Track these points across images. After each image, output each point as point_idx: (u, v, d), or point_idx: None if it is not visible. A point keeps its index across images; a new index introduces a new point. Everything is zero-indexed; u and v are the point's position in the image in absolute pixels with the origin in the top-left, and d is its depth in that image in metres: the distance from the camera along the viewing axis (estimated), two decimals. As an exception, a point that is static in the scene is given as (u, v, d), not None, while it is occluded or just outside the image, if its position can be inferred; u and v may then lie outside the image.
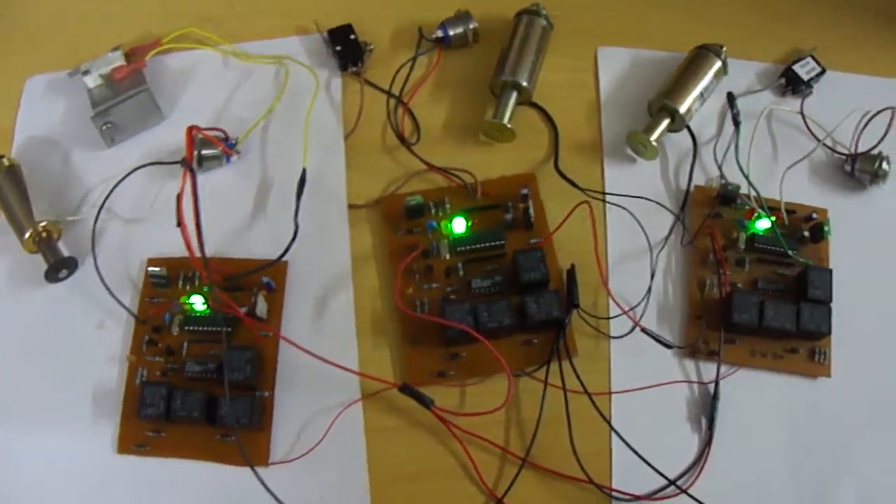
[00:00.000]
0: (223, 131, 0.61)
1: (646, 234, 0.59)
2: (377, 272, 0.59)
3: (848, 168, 0.63)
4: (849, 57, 0.67)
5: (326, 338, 0.57)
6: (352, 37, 0.63)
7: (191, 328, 0.57)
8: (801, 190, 0.63)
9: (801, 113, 0.65)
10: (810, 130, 0.64)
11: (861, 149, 0.63)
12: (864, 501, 0.55)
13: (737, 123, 0.62)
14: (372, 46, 0.63)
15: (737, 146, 0.61)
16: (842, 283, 0.59)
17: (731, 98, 0.62)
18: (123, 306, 0.56)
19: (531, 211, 0.58)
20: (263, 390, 0.55)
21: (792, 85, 0.66)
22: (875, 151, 0.63)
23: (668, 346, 0.56)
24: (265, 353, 0.56)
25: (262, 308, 0.57)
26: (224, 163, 0.61)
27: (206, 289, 0.57)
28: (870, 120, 0.63)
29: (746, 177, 0.60)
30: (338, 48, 0.63)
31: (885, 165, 0.63)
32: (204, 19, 0.66)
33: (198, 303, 0.57)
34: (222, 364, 0.53)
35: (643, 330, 0.55)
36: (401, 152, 0.61)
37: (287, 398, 0.56)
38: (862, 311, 0.60)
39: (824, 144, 0.64)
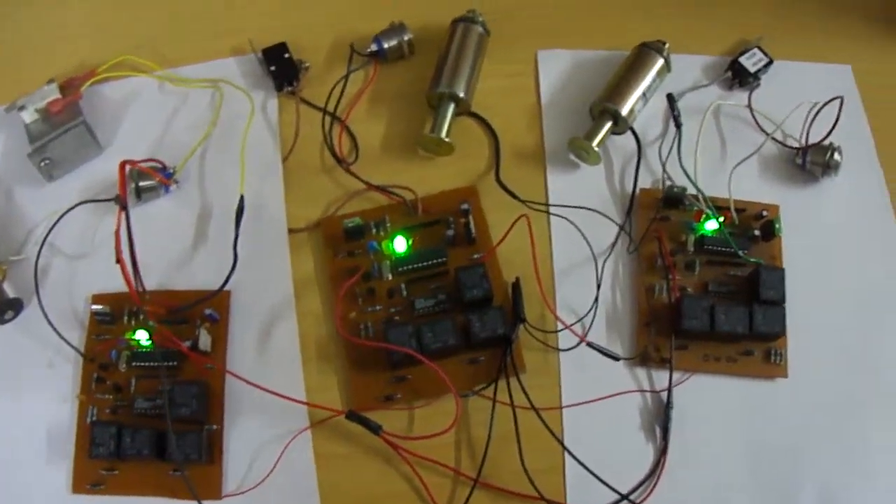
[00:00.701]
0: (160, 162, 0.60)
1: (589, 243, 0.58)
2: (320, 297, 0.58)
3: (799, 161, 0.62)
4: (796, 45, 0.66)
5: (272, 367, 0.56)
6: (286, 55, 0.62)
7: (138, 364, 0.56)
8: (752, 187, 0.62)
9: (749, 106, 0.63)
10: (759, 124, 0.63)
11: (812, 140, 0.62)
12: (827, 501, 0.54)
13: (678, 125, 0.60)
14: (307, 64, 0.62)
15: (679, 148, 0.60)
16: (796, 281, 0.58)
17: (670, 99, 0.61)
18: (70, 345, 0.56)
19: (471, 226, 0.57)
20: (212, 423, 0.55)
21: (739, 78, 0.64)
22: (826, 142, 0.61)
23: (615, 359, 0.55)
24: (212, 386, 0.56)
25: (205, 341, 0.56)
26: (163, 193, 0.60)
27: (151, 324, 0.56)
28: (819, 110, 0.62)
29: (690, 178, 0.59)
30: (272, 68, 0.62)
31: (836, 156, 0.61)
32: (139, 46, 0.65)
33: (143, 338, 0.56)
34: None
35: (589, 344, 0.55)
36: (340, 172, 0.60)
37: (237, 430, 0.55)
38: (818, 309, 0.59)
39: (773, 138, 0.62)
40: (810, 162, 0.62)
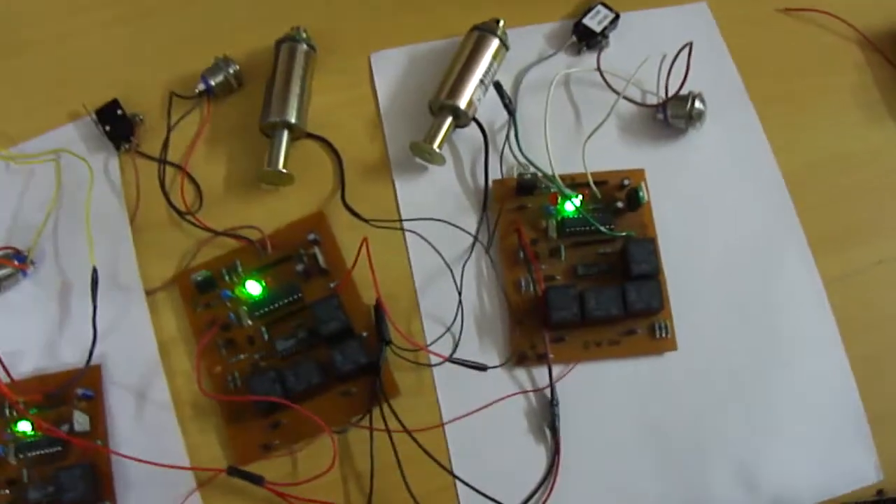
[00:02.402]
0: (13, 248, 0.59)
1: (440, 253, 0.56)
2: (187, 354, 0.56)
3: (661, 116, 0.59)
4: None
5: (152, 434, 0.55)
6: (119, 112, 0.60)
7: (26, 455, 0.55)
8: (617, 155, 0.59)
9: (599, 69, 0.60)
10: (611, 87, 0.59)
11: (673, 92, 0.58)
12: (741, 470, 0.53)
13: (510, 112, 0.57)
14: (141, 117, 0.60)
15: (517, 136, 0.57)
16: (673, 246, 0.56)
17: (498, 87, 0.57)
18: (-44, 445, 0.55)
19: (318, 257, 0.55)
20: (106, 501, 0.54)
21: (586, 40, 0.61)
22: (685, 92, 0.58)
23: (482, 369, 0.52)
24: (99, 465, 0.55)
25: (82, 422, 0.55)
26: (22, 278, 0.59)
27: (33, 411, 0.55)
28: (674, 60, 0.58)
29: (532, 163, 0.56)
30: (107, 128, 0.60)
31: (698, 104, 0.58)
32: (-22, 128, 0.63)
33: (27, 429, 0.55)
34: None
35: (452, 361, 0.52)
36: (187, 223, 0.58)
37: (130, 502, 0.54)
38: (699, 271, 0.57)
39: (628, 98, 0.59)
40: (671, 116, 0.58)
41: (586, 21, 0.60)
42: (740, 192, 0.58)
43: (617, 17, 0.60)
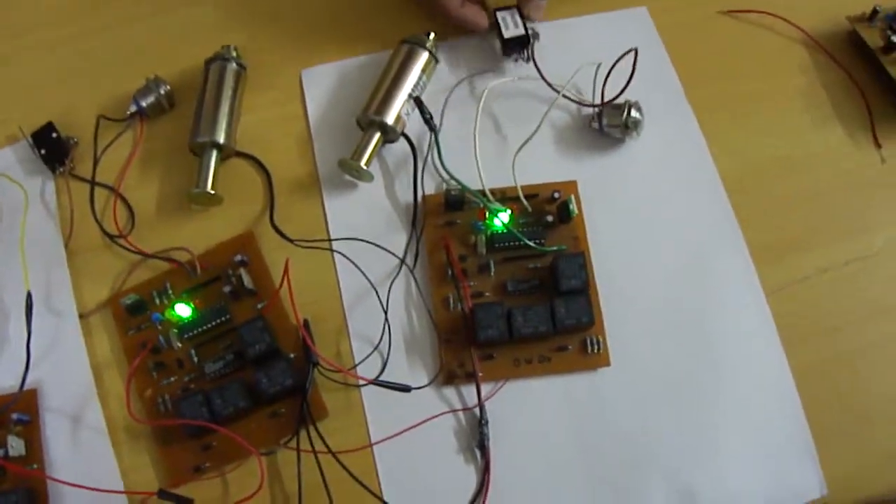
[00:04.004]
0: (-50, 274, 0.59)
1: (364, 273, 0.55)
2: (121, 377, 0.57)
3: (596, 126, 0.58)
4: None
5: (86, 458, 0.55)
6: (54, 135, 0.60)
7: (-36, 482, 0.56)
8: (549, 166, 0.58)
9: (541, 75, 0.59)
10: (547, 93, 0.58)
11: (611, 99, 0.57)
12: (679, 487, 0.52)
13: (432, 129, 0.56)
14: (76, 139, 0.60)
15: (438, 150, 0.56)
16: (606, 259, 0.55)
17: (418, 102, 0.56)
18: None
19: (244, 279, 0.54)
20: (43, 526, 0.54)
21: (515, 50, 0.59)
22: (621, 100, 0.57)
23: (405, 390, 0.52)
24: (36, 490, 0.55)
25: (17, 446, 0.55)
26: (-40, 302, 0.59)
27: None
28: (612, 68, 0.57)
29: (455, 178, 0.55)
30: (42, 151, 0.60)
31: (634, 113, 0.57)
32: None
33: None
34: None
35: (376, 382, 0.52)
36: (122, 244, 0.58)
37: (67, 526, 0.54)
38: (634, 284, 0.56)
39: (565, 100, 0.57)
40: (607, 125, 0.57)
41: (506, 33, 0.58)
42: (678, 200, 0.57)
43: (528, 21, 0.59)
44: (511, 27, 0.57)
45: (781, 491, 0.53)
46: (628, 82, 0.56)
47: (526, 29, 0.57)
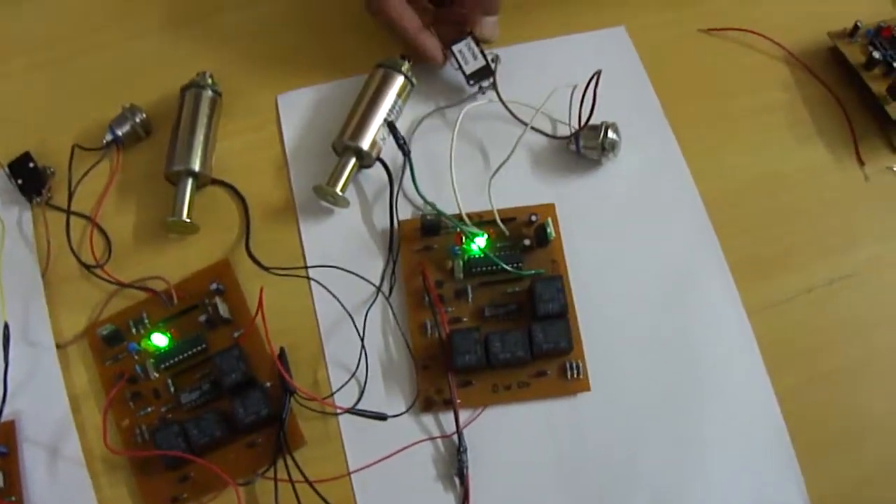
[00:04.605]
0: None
1: (339, 301, 0.54)
2: (99, 408, 0.56)
3: (573, 148, 0.57)
4: (562, 18, 0.61)
5: (65, 490, 0.55)
6: (31, 165, 0.60)
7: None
8: (526, 189, 0.58)
9: (503, 104, 0.58)
10: (519, 118, 0.58)
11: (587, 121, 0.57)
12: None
13: (405, 153, 0.56)
14: (53, 169, 0.60)
15: (412, 175, 0.55)
16: (585, 282, 0.55)
17: (391, 127, 0.56)
18: None
19: (220, 307, 0.54)
20: (23, 559, 0.54)
21: (479, 79, 0.59)
22: (598, 122, 0.56)
23: (382, 419, 0.51)
24: (14, 523, 0.54)
25: (-6, 480, 0.55)
26: (-62, 334, 0.59)
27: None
28: (586, 88, 0.56)
29: (428, 201, 0.55)
30: (19, 181, 0.60)
31: (611, 134, 0.56)
32: None
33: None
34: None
35: (353, 412, 0.51)
36: (98, 274, 0.58)
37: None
38: (614, 307, 0.55)
39: (537, 129, 0.57)
40: (584, 147, 0.57)
41: (466, 68, 0.58)
42: (658, 221, 0.57)
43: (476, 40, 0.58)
44: (470, 60, 0.57)
45: (766, 512, 0.52)
46: (593, 105, 0.56)
47: (485, 58, 0.57)
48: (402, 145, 0.55)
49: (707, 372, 0.54)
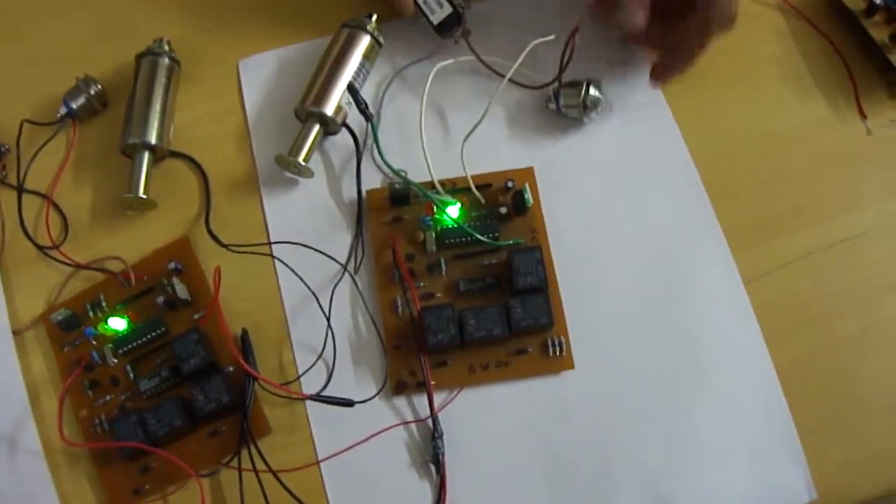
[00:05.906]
0: None
1: (303, 280, 0.51)
2: (57, 396, 0.53)
3: (553, 107, 0.53)
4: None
5: (23, 482, 0.53)
6: (-17, 142, 0.57)
7: None
8: (503, 153, 0.54)
9: (476, 56, 0.54)
10: (497, 73, 0.54)
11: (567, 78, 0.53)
12: (656, 494, 0.49)
13: (367, 118, 0.52)
14: (6, 147, 0.57)
15: (376, 141, 0.52)
16: (568, 252, 0.51)
17: (352, 90, 0.52)
18: None
19: (178, 289, 0.51)
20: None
21: (449, 29, 0.54)
22: (580, 78, 0.52)
23: (348, 405, 0.48)
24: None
25: (-49, 472, 0.52)
26: None
27: None
28: (567, 42, 0.52)
29: (395, 170, 0.51)
30: (-30, 163, 0.56)
31: (593, 91, 0.52)
32: None
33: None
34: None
35: (316, 398, 0.48)
36: (54, 255, 0.55)
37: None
38: (600, 278, 0.52)
39: (515, 82, 0.53)
40: (564, 105, 0.53)
41: (433, 18, 0.54)
42: (646, 186, 0.53)
43: None
44: (436, 9, 0.53)
45: (766, 495, 0.49)
46: (570, 55, 0.52)
47: (452, 3, 0.53)
48: (364, 110, 0.51)
49: (701, 347, 0.50)
